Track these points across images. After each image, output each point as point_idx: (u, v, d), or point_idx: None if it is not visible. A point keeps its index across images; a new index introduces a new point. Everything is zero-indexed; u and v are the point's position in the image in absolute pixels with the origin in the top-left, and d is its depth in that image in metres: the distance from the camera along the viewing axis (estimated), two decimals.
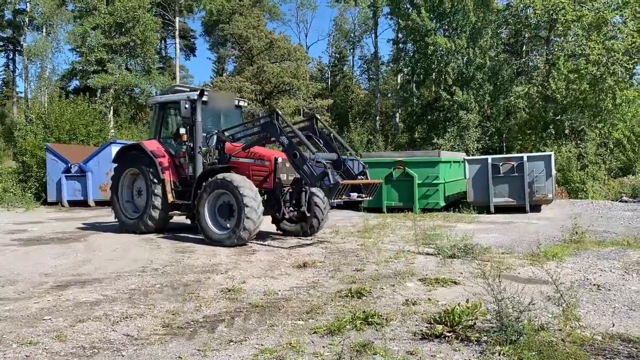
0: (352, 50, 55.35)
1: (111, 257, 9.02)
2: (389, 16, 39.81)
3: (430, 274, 7.14)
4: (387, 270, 7.40)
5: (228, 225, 9.81)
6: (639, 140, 24.28)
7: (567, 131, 26.30)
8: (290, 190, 10.44)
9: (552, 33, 29.10)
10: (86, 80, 34.69)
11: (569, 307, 4.64)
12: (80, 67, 36.66)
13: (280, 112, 10.14)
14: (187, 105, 10.50)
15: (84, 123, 25.49)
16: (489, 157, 16.24)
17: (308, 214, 10.55)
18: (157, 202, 11.01)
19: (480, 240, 9.83)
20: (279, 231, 11.58)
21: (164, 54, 48.04)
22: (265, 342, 4.49)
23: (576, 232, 9.98)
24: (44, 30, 38.40)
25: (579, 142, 25.59)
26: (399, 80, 41.15)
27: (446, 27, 31.66)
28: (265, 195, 10.28)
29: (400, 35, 37.08)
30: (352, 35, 53.34)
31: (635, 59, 26.79)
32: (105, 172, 19.91)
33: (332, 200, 9.46)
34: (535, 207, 16.04)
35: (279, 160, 10.10)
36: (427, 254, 8.68)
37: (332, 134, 10.73)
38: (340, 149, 10.44)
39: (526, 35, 32.65)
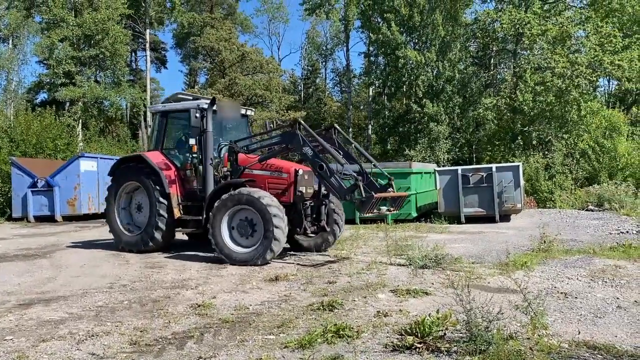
0: (324, 63, 55.81)
1: (78, 273, 8.80)
2: (360, 30, 40.30)
3: (402, 285, 7.16)
4: (359, 282, 7.39)
5: (246, 243, 9.15)
6: (603, 150, 24.95)
7: (534, 142, 26.90)
8: (312, 203, 10.00)
9: (519, 46, 29.86)
10: (54, 93, 34.03)
11: (536, 316, 4.70)
12: (48, 80, 35.92)
13: (302, 122, 9.64)
14: (197, 114, 9.91)
15: (51, 137, 24.96)
16: (459, 168, 16.47)
17: (328, 229, 10.17)
18: (162, 218, 10.18)
19: (451, 250, 9.93)
20: (289, 246, 10.63)
21: (134, 67, 47.51)
22: (235, 358, 4.42)
23: (544, 241, 10.16)
24: (10, 42, 37.58)
25: (546, 152, 26.20)
26: (370, 93, 41.52)
27: (416, 40, 32.18)
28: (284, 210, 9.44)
29: (371, 48, 37.49)
30: (324, 48, 53.79)
31: (598, 72, 27.67)
32: (73, 187, 19.51)
33: (364, 214, 8.95)
34: (505, 217, 16.30)
35: (300, 172, 9.61)
36: (399, 265, 8.72)
37: (354, 145, 10.34)
38: (363, 161, 10.19)
39: (494, 48, 33.42)
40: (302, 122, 9.61)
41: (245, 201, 8.95)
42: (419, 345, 4.45)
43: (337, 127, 10.31)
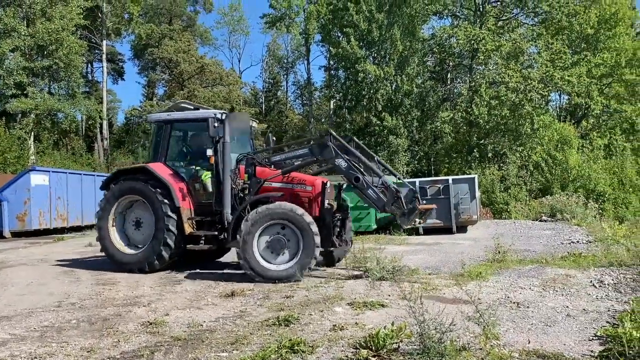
0: (285, 76, 55.94)
1: (24, 291, 8.42)
2: (320, 43, 40.68)
3: (359, 297, 7.15)
4: (317, 296, 7.34)
5: (278, 260, 8.66)
6: (555, 162, 25.83)
7: (490, 154, 27.64)
8: (340, 217, 9.72)
9: (474, 62, 30.71)
10: (4, 104, 32.78)
11: (488, 326, 4.76)
12: None
13: (334, 133, 9.38)
14: (216, 124, 9.33)
15: (0, 149, 24.02)
16: (417, 180, 16.71)
17: (349, 242, 9.97)
18: (171, 234, 9.33)
19: (409, 261, 10.01)
20: None
21: (90, 78, 46.40)
22: None
23: (499, 252, 10.38)
24: None
25: (501, 164, 26.96)
26: (331, 106, 41.85)
27: (375, 55, 32.67)
28: None
29: (331, 62, 37.87)
30: (285, 61, 53.94)
31: (549, 87, 28.75)
32: (23, 201, 18.77)
33: (406, 226, 9.19)
34: (462, 228, 16.60)
35: (328, 184, 9.43)
36: (357, 277, 8.72)
37: (375, 158, 9.84)
38: (386, 173, 9.98)
39: (450, 63, 34.24)
40: (334, 133, 9.40)
41: (284, 217, 8.55)
42: (372, 359, 4.44)
43: (355, 139, 9.99)
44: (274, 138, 9.95)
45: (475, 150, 27.69)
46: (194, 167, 9.96)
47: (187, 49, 31.93)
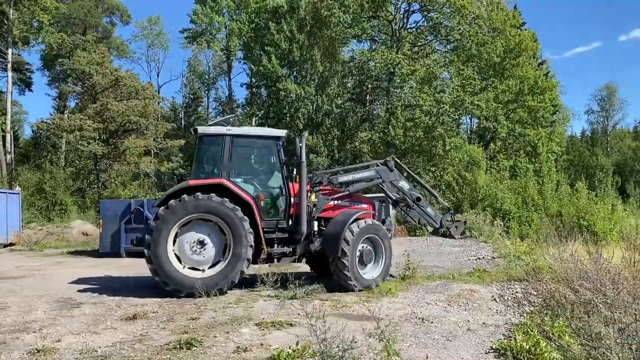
0: (207, 92, 55.06)
1: None
2: (242, 60, 40.57)
3: (268, 317, 7.02)
4: (224, 317, 7.12)
5: (366, 269, 9.65)
6: (465, 182, 27.07)
7: (405, 174, 28.51)
8: None
9: (391, 85, 31.83)
10: None
11: (389, 343, 4.80)
12: None
13: (396, 159, 11.17)
14: (302, 144, 9.56)
15: None
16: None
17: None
18: (249, 253, 8.88)
19: (323, 280, 9.99)
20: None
21: None
22: None
23: (409, 268, 10.63)
24: None
25: (415, 184, 27.87)
26: (253, 123, 41.64)
27: (296, 74, 33.02)
28: None
29: (253, 79, 37.81)
30: (206, 77, 53.18)
31: (460, 111, 30.34)
32: None
33: (458, 237, 11.40)
34: None
35: (377, 203, 10.54)
36: (269, 296, 8.57)
37: (418, 179, 11.86)
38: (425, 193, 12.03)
39: (369, 85, 35.26)
40: (396, 159, 11.15)
41: (378, 233, 9.75)
42: None
43: (396, 159, 11.47)
44: (301, 145, 9.77)
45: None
46: (257, 184, 9.82)
47: (102, 60, 30.58)
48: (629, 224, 18.74)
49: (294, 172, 9.78)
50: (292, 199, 9.63)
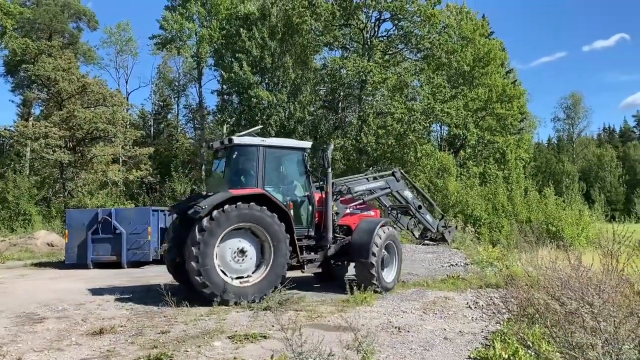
0: (177, 99, 54.34)
1: None
2: (213, 67, 40.17)
3: (241, 329, 6.83)
4: (196, 330, 6.89)
5: (386, 272, 10.32)
6: (436, 189, 27.27)
7: (409, 186, 28.62)
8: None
9: (363, 92, 31.89)
10: None
11: (367, 354, 4.68)
12: None
13: (402, 171, 12.42)
14: (328, 154, 10.21)
15: None
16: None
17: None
18: (288, 260, 9.29)
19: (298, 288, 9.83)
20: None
21: None
22: None
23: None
24: None
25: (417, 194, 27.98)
26: (224, 130, 41.23)
27: (268, 81, 32.83)
28: None
29: (224, 86, 37.43)
30: (176, 84, 52.49)
31: (431, 118, 30.61)
32: None
33: (450, 241, 13.12)
34: None
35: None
36: (242, 307, 8.37)
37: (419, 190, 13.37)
38: (425, 202, 13.17)
39: (341, 93, 35.28)
40: (401, 170, 12.40)
41: (395, 239, 10.65)
42: None
43: (402, 172, 12.62)
44: (328, 155, 10.33)
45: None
46: (286, 192, 10.16)
47: (68, 66, 29.77)
48: (598, 229, 19.10)
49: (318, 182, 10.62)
50: (318, 208, 10.18)
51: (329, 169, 10.06)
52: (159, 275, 13.56)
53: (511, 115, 36.56)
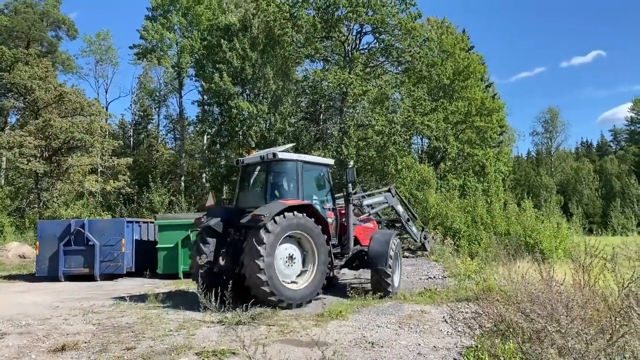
0: (157, 109, 53.86)
1: None
2: (194, 78, 39.95)
3: (210, 345, 6.62)
4: (163, 346, 6.66)
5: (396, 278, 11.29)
6: (417, 201, 27.27)
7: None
8: None
9: (344, 104, 31.95)
10: None
11: None
12: None
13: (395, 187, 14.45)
14: (352, 171, 11.02)
15: None
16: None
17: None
18: (328, 268, 10.03)
19: None
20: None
21: None
22: None
23: (362, 288, 10.44)
24: None
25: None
26: (205, 141, 40.92)
27: (249, 92, 32.71)
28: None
29: (205, 97, 37.20)
30: (157, 94, 52.06)
31: (411, 131, 30.73)
32: None
33: (429, 251, 15.54)
34: None
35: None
36: (212, 322, 8.15)
37: (406, 204, 14.82)
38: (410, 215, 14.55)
39: (322, 105, 35.29)
40: (395, 187, 14.36)
41: (399, 249, 11.75)
42: None
43: (394, 189, 14.40)
44: (352, 172, 11.15)
45: (344, 189, 28.47)
46: (318, 205, 10.69)
47: (45, 75, 29.29)
48: (574, 242, 19.23)
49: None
50: (340, 220, 11.17)
51: (350, 184, 10.98)
52: (132, 288, 13.27)
53: (491, 129, 36.91)
